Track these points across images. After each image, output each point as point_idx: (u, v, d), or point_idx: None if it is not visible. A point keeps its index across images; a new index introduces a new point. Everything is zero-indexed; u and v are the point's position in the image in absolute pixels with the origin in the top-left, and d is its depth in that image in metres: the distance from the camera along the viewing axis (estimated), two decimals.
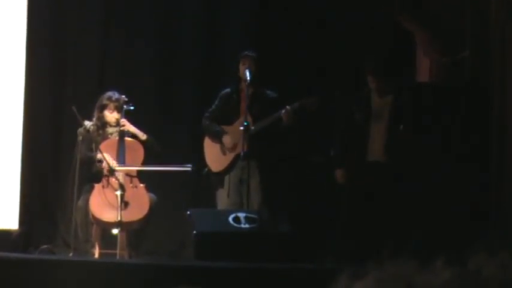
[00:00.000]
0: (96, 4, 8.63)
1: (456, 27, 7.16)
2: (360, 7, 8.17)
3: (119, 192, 7.22)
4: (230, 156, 7.46)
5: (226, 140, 7.46)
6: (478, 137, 6.66)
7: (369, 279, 0.67)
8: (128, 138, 7.55)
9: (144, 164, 7.53)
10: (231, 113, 7.48)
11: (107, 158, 7.36)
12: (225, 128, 7.49)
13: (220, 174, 7.49)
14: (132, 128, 7.57)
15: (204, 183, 7.85)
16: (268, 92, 7.50)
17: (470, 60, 7.00)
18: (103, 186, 7.39)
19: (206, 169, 7.55)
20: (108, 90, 7.69)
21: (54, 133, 8.42)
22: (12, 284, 5.07)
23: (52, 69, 8.51)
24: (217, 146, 7.53)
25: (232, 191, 7.41)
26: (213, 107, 7.58)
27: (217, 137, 7.51)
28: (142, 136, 7.57)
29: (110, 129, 7.60)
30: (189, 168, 7.39)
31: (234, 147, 7.42)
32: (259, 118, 7.34)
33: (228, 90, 7.59)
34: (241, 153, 7.23)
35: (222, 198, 7.47)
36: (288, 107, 7.20)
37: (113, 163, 7.39)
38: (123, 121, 7.51)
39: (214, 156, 7.54)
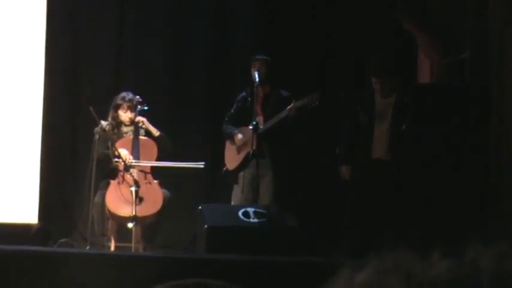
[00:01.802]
0: (110, 12, 8.65)
1: (456, 30, 7.16)
2: (363, 10, 8.18)
3: (133, 188, 7.23)
4: (242, 155, 7.50)
5: (237, 138, 7.50)
6: (478, 136, 6.65)
7: (369, 270, 0.67)
8: (142, 137, 7.57)
9: (157, 160, 7.56)
10: (247, 114, 7.49)
11: (123, 154, 7.38)
12: (241, 129, 7.52)
13: (235, 172, 7.54)
14: (150, 127, 7.60)
15: (219, 180, 7.88)
16: (283, 91, 7.51)
17: (470, 62, 6.99)
18: (118, 183, 7.41)
19: (225, 168, 7.61)
20: (122, 91, 7.71)
21: (72, 132, 8.45)
22: (33, 275, 5.09)
23: (70, 71, 8.54)
24: (233, 147, 7.59)
25: (246, 188, 7.44)
26: (231, 111, 7.62)
27: (231, 138, 7.57)
28: (156, 132, 7.60)
29: (124, 128, 7.62)
30: (201, 166, 7.42)
31: (245, 145, 7.45)
32: (272, 117, 7.36)
33: (243, 93, 7.61)
34: (250, 152, 7.27)
35: (237, 194, 7.52)
36: (292, 104, 7.22)
37: (129, 158, 7.41)
38: (141, 119, 7.53)
39: (231, 156, 7.61)
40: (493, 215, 6.35)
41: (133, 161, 7.43)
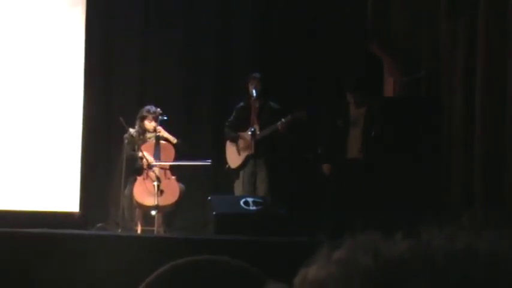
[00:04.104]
0: (136, 39, 8.66)
1: (414, 54, 7.15)
2: (341, 38, 8.19)
3: (156, 183, 7.23)
4: (243, 156, 7.50)
5: (239, 143, 7.52)
6: (432, 138, 6.64)
7: (345, 248, 0.67)
8: (162, 142, 7.57)
9: (175, 161, 7.56)
10: (244, 122, 7.50)
11: (147, 156, 7.39)
12: (241, 134, 7.52)
13: (237, 170, 7.54)
14: (166, 134, 7.59)
15: (223, 176, 7.87)
16: (273, 104, 7.52)
17: (425, 79, 6.99)
18: (144, 178, 7.41)
19: (227, 165, 7.61)
20: (146, 103, 7.74)
21: (106, 137, 8.44)
22: (75, 253, 5.08)
23: (104, 86, 8.56)
24: (234, 148, 7.57)
25: (246, 182, 7.44)
26: (231, 117, 7.63)
27: (234, 141, 7.56)
28: (174, 140, 7.59)
29: (148, 135, 7.62)
30: (209, 163, 7.41)
31: (245, 149, 7.46)
32: (266, 125, 7.38)
33: (241, 104, 7.62)
34: (250, 154, 7.32)
35: (238, 187, 7.53)
36: (283, 119, 7.21)
37: (151, 159, 7.42)
38: (159, 129, 7.54)
39: (232, 156, 7.59)
40: (445, 203, 6.34)
41: (154, 162, 7.44)
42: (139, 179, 7.42)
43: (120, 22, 8.62)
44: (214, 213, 6.57)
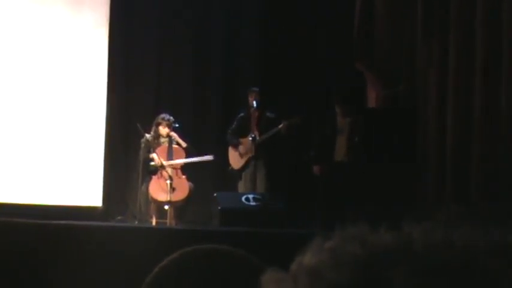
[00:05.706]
0: (152, 57, 8.69)
1: (394, 71, 7.16)
2: (330, 56, 8.22)
3: (168, 181, 7.24)
4: (244, 159, 7.54)
5: (241, 148, 7.55)
6: (408, 144, 6.64)
7: (336, 239, 0.66)
8: (174, 146, 7.59)
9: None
10: (245, 129, 7.55)
11: (156, 157, 7.40)
12: (241, 139, 7.57)
13: (239, 171, 7.57)
14: (177, 139, 7.61)
15: (228, 177, 7.89)
16: (269, 113, 7.56)
17: (403, 93, 6.99)
18: (158, 177, 7.42)
19: (230, 167, 7.63)
20: (160, 110, 7.78)
21: (126, 141, 8.45)
22: (97, 243, 5.07)
23: (124, 95, 8.58)
24: (236, 152, 7.61)
25: (248, 182, 7.48)
26: (233, 125, 7.68)
27: (235, 146, 7.60)
28: (184, 144, 7.61)
29: (162, 139, 7.64)
30: (211, 158, 7.43)
31: (246, 152, 7.50)
32: (263, 132, 7.44)
33: (242, 114, 7.67)
34: (251, 157, 7.38)
35: (241, 186, 7.55)
36: (283, 123, 7.28)
37: (160, 161, 7.42)
38: (172, 134, 7.56)
39: (235, 159, 7.63)
40: (420, 201, 6.33)
41: (165, 162, 7.44)
42: (154, 177, 7.43)
43: (138, 41, 8.65)
44: (219, 208, 6.57)
